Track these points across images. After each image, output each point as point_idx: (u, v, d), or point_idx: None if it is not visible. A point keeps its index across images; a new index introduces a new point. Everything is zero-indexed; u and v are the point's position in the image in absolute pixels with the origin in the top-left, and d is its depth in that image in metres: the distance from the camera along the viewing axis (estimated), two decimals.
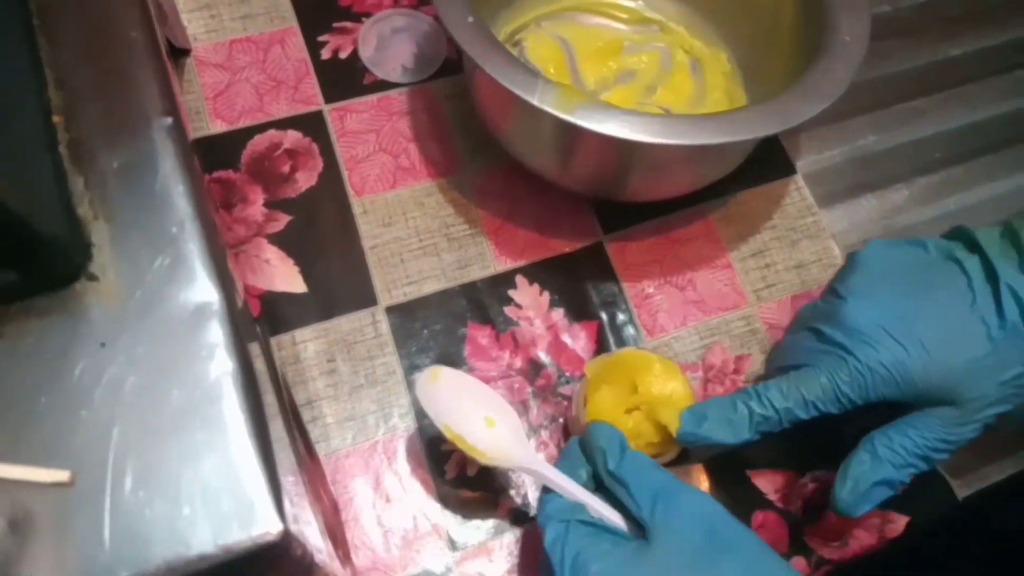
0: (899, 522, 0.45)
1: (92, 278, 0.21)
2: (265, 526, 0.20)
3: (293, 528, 0.20)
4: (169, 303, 0.21)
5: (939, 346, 0.38)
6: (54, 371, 0.20)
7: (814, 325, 0.42)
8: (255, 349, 0.34)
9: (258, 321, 0.44)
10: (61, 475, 0.19)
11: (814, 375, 0.39)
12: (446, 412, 0.39)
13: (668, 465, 0.41)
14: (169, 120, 0.23)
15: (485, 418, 0.39)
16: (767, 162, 0.54)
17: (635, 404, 0.41)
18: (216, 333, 0.21)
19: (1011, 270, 0.38)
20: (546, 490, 0.38)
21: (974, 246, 0.40)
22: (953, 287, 0.39)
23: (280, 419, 0.33)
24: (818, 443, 0.46)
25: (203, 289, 0.21)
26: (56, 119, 0.22)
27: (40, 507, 0.19)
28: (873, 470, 0.39)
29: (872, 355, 0.38)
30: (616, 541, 0.35)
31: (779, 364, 0.44)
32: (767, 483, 0.46)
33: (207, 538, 0.19)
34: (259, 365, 0.32)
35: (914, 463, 0.39)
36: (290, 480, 0.32)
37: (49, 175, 0.21)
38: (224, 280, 0.22)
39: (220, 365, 0.21)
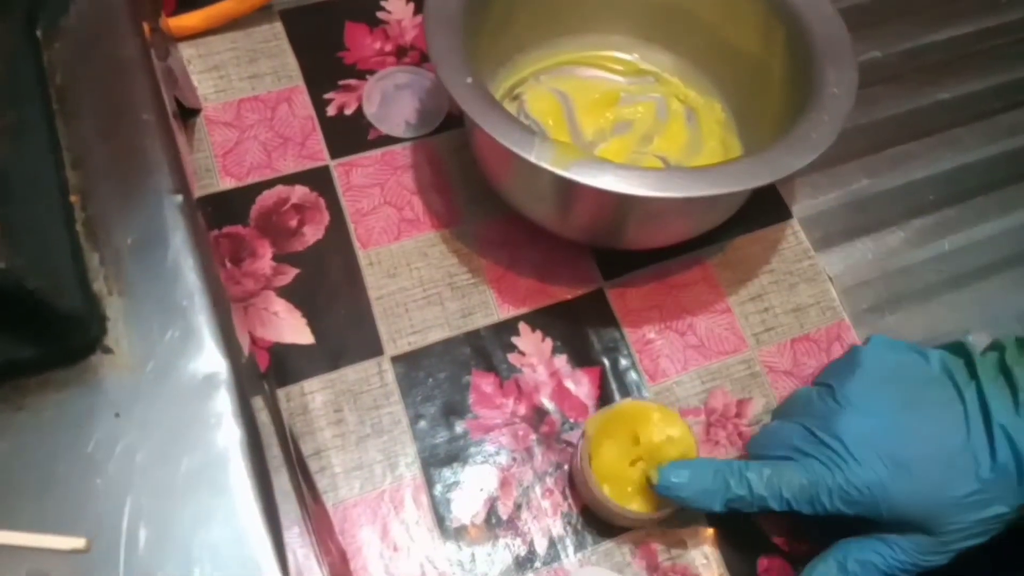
0: None
1: (107, 351, 0.22)
2: None
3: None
4: (179, 373, 0.22)
5: (927, 478, 0.38)
6: (71, 441, 0.21)
7: (806, 423, 0.41)
8: (260, 403, 0.35)
9: (266, 375, 0.45)
10: (78, 542, 0.20)
11: (797, 473, 0.40)
12: None
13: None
14: (179, 197, 0.24)
15: None
16: (763, 208, 0.55)
17: (638, 455, 0.41)
18: (224, 402, 0.22)
19: (1004, 409, 0.38)
20: None
21: (972, 371, 0.40)
22: (949, 415, 0.39)
23: (286, 471, 0.34)
24: None
25: (211, 359, 0.23)
26: (73, 198, 0.24)
27: (58, 573, 0.20)
28: None
29: (859, 475, 0.38)
30: None
31: (761, 451, 0.44)
32: (773, 528, 0.46)
33: None
34: (264, 418, 0.33)
35: None
36: (295, 532, 0.32)
37: (67, 252, 0.23)
38: (231, 350, 0.23)
39: (228, 433, 0.22)
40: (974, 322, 0.53)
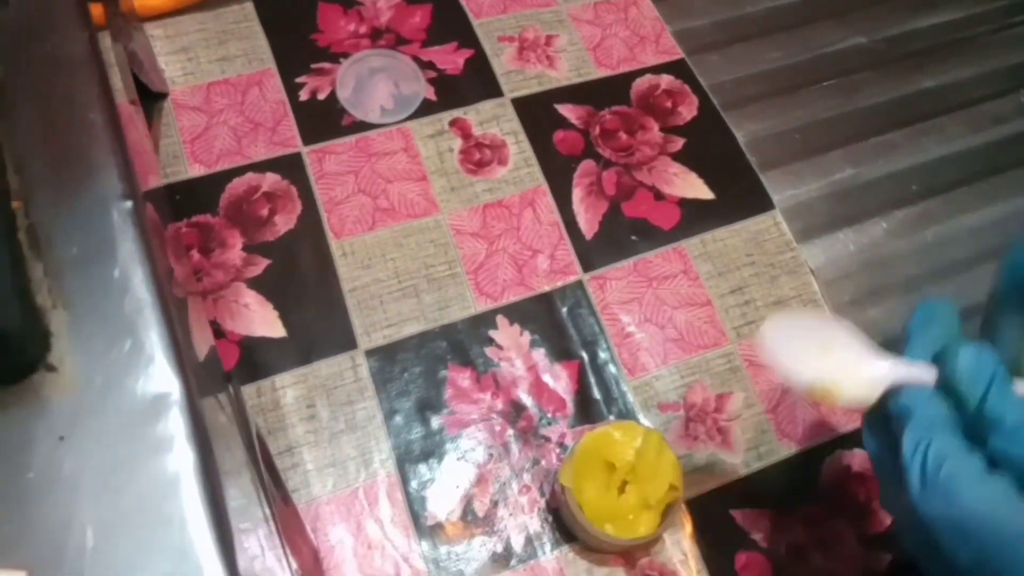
0: (883, 560, 0.45)
1: (50, 369, 0.21)
2: None
3: None
4: (128, 393, 0.21)
5: None
6: (11, 466, 0.20)
7: None
8: (223, 401, 0.34)
9: (232, 371, 0.43)
10: (18, 575, 0.18)
11: None
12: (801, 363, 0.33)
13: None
14: (128, 204, 0.23)
15: (818, 347, 0.34)
16: (745, 198, 0.54)
17: (622, 479, 0.41)
18: (176, 423, 0.21)
19: None
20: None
21: None
22: None
23: (250, 472, 0.33)
24: (800, 479, 0.47)
25: (162, 378, 0.21)
26: (15, 204, 0.22)
27: None
28: None
29: None
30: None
31: None
32: (751, 523, 0.46)
33: None
34: (222, 418, 0.32)
35: None
36: (261, 533, 0.31)
37: (7, 263, 0.21)
38: (184, 368, 0.22)
39: (179, 457, 0.21)
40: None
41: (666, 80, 0.58)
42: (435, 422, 0.46)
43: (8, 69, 0.24)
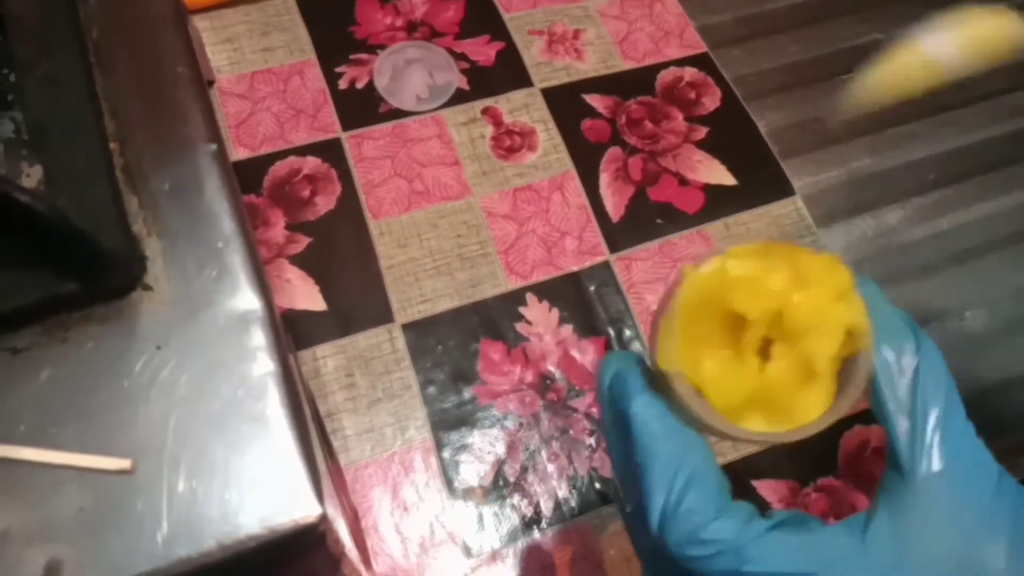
0: None
1: (147, 288, 0.23)
2: (306, 510, 0.22)
3: (330, 513, 0.22)
4: (216, 310, 0.23)
5: None
6: (114, 371, 0.22)
7: None
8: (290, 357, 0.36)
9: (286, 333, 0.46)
10: (123, 463, 0.21)
11: None
12: None
13: None
14: (213, 146, 0.25)
15: None
16: (766, 184, 0.56)
17: (759, 338, 0.25)
18: (259, 337, 0.23)
19: None
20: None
21: None
22: None
23: (313, 425, 0.35)
24: (819, 453, 0.48)
25: (246, 298, 0.24)
26: (112, 145, 0.25)
27: (106, 492, 0.21)
28: None
29: None
30: None
31: None
32: (771, 493, 0.47)
33: (254, 520, 0.21)
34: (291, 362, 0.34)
35: None
36: (324, 483, 0.34)
37: (107, 196, 0.23)
38: (265, 290, 0.24)
39: (263, 366, 0.23)
40: (971, 299, 0.54)
41: (690, 72, 0.60)
42: (467, 392, 0.48)
43: (104, 29, 0.27)
